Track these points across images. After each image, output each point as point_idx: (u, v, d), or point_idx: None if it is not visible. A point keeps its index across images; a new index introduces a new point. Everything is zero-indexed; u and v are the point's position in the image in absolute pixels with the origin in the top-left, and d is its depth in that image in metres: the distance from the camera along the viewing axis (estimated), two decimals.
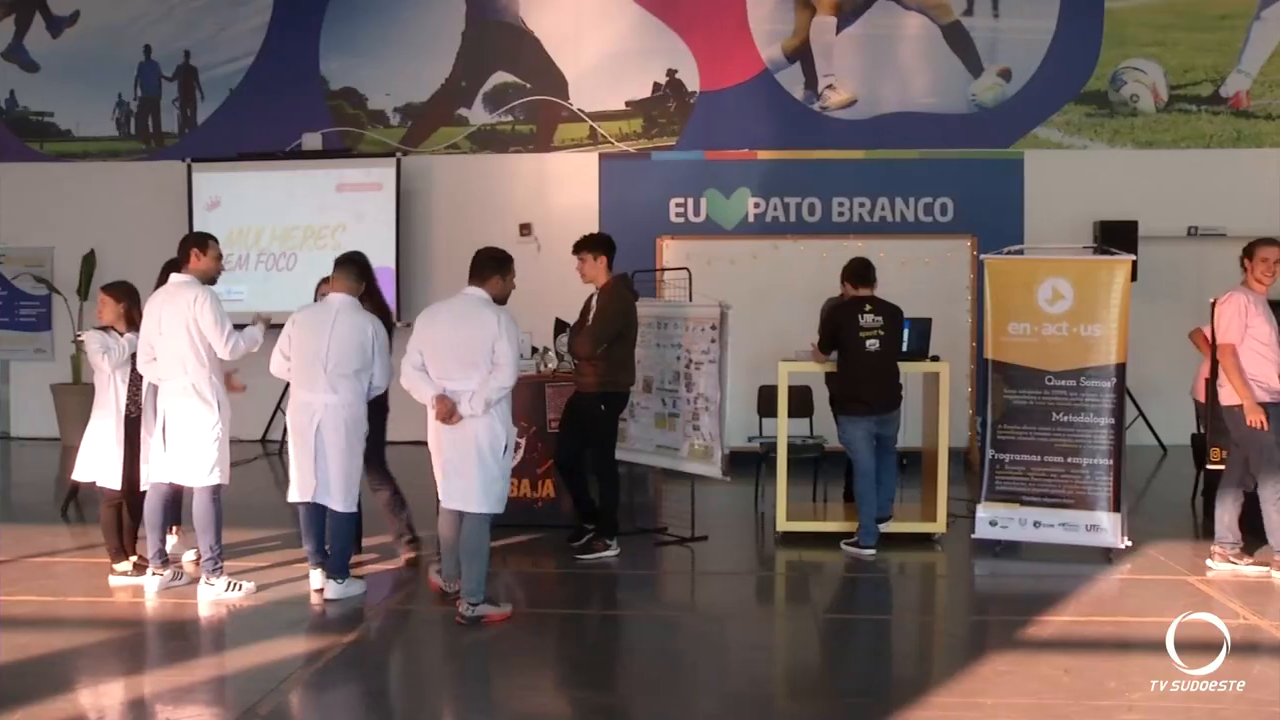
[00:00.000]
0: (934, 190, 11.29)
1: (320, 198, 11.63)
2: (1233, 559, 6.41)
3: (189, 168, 11.85)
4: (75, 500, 8.09)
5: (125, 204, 12.03)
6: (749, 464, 8.33)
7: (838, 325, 6.93)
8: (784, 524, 7.21)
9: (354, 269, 6.11)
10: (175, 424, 5.89)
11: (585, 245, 6.91)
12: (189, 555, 6.55)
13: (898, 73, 11.54)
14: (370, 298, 6.21)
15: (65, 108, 12.40)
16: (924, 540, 7.16)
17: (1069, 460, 6.74)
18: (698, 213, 11.50)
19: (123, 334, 6.21)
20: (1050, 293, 6.82)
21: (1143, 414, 10.63)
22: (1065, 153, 11.40)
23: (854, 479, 7.14)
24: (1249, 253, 6.46)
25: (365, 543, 6.76)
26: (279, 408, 10.63)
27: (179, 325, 5.83)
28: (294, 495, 5.97)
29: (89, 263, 11.82)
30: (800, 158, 11.47)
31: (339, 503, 5.89)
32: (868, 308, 6.89)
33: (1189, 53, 11.41)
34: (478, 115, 11.90)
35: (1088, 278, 6.84)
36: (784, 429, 7.25)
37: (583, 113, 11.75)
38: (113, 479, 6.18)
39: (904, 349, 7.10)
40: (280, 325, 6.12)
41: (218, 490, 5.94)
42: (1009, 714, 4.38)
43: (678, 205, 11.50)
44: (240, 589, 5.98)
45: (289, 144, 11.93)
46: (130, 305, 6.27)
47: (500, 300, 5.66)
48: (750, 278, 9.95)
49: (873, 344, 6.83)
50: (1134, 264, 6.99)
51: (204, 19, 12.16)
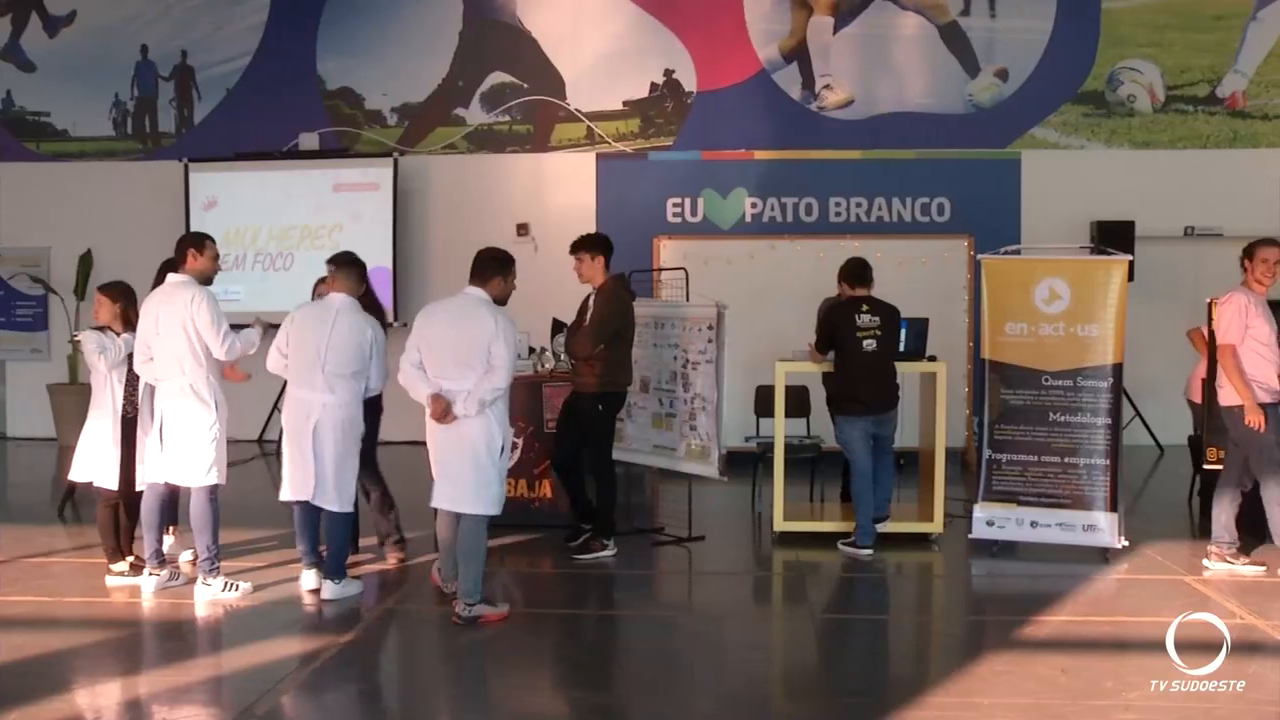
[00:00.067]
0: (931, 190, 11.30)
1: (317, 198, 11.63)
2: (1229, 559, 6.41)
3: (186, 168, 11.85)
4: (72, 500, 8.09)
5: (122, 204, 12.02)
6: (746, 464, 8.34)
7: (835, 325, 6.94)
8: (781, 524, 7.21)
9: (356, 270, 6.12)
10: (173, 424, 5.88)
11: (583, 245, 6.91)
12: (186, 555, 6.54)
13: (895, 73, 11.54)
14: (365, 298, 6.21)
15: (62, 107, 12.38)
16: (921, 540, 7.16)
17: (1066, 460, 6.75)
18: (695, 213, 11.51)
19: (119, 334, 6.21)
20: (1047, 293, 6.82)
21: (1139, 414, 10.65)
22: (1062, 153, 11.41)
23: (851, 479, 7.16)
24: (1249, 253, 6.45)
25: (362, 543, 6.77)
26: (276, 407, 10.62)
27: (176, 325, 5.82)
28: (287, 494, 5.96)
29: (86, 263, 11.80)
30: (797, 158, 11.48)
31: (335, 503, 5.89)
32: (865, 308, 6.89)
33: (1185, 53, 11.42)
34: (475, 115, 11.89)
35: (1084, 278, 6.85)
36: (781, 429, 7.25)
37: (580, 113, 11.75)
38: (109, 479, 6.18)
39: (901, 349, 7.10)
40: (278, 326, 6.11)
41: (215, 490, 5.93)
42: (1006, 714, 4.38)
43: (675, 205, 11.50)
44: (237, 589, 5.97)
45: (286, 144, 11.93)
46: (127, 305, 6.27)
47: (500, 301, 5.65)
48: (747, 278, 9.95)
49: (870, 344, 6.83)
50: (1131, 264, 6.99)
51: (201, 19, 12.15)
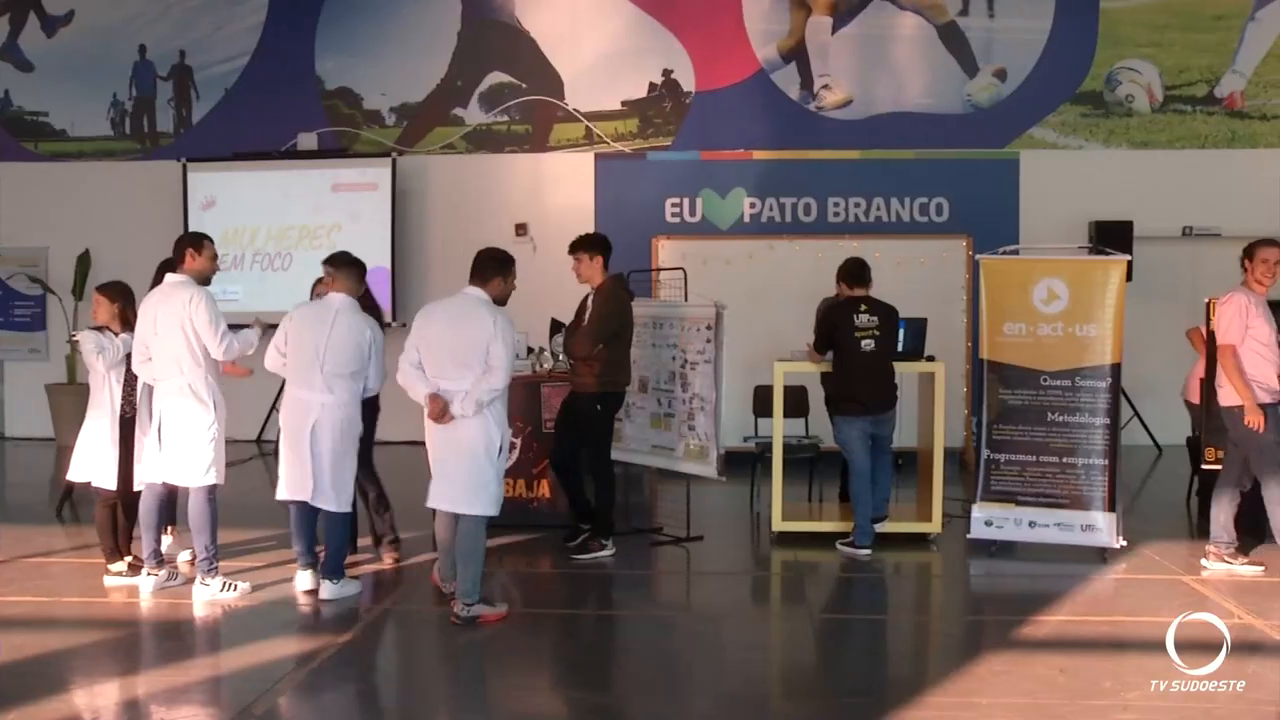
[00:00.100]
0: (929, 190, 11.30)
1: (316, 198, 11.63)
2: (1227, 558, 6.41)
3: (184, 167, 11.84)
4: (70, 500, 8.08)
5: (120, 204, 12.01)
6: (744, 464, 8.34)
7: (833, 325, 6.94)
8: (779, 524, 7.21)
9: (356, 270, 6.12)
10: (171, 424, 5.88)
11: (581, 245, 6.91)
12: (184, 555, 6.54)
13: (893, 73, 11.55)
14: (362, 298, 6.20)
15: (60, 107, 12.38)
16: (919, 540, 7.17)
17: (1064, 460, 6.75)
18: (693, 213, 11.50)
19: (118, 334, 6.20)
20: (1045, 293, 6.82)
21: (1138, 414, 10.65)
22: (1060, 153, 11.41)
23: (849, 479, 7.16)
24: (1249, 253, 6.43)
25: (359, 543, 6.78)
26: (274, 407, 10.61)
27: (174, 325, 5.82)
28: (283, 493, 5.96)
29: (84, 263, 11.79)
30: (796, 158, 11.48)
31: (333, 503, 5.89)
32: (863, 308, 6.89)
33: (1184, 53, 11.43)
34: (473, 115, 11.89)
35: (1083, 278, 6.85)
36: (779, 429, 7.25)
37: (578, 113, 11.75)
38: (108, 479, 6.18)
39: (899, 349, 7.10)
40: (276, 326, 6.10)
41: (213, 490, 5.93)
42: (1004, 714, 4.39)
43: (673, 205, 11.50)
44: (235, 589, 5.97)
45: (284, 144, 11.92)
46: (125, 305, 6.27)
47: (500, 301, 5.65)
48: (746, 278, 9.95)
49: (868, 344, 6.83)
50: (1129, 264, 7.00)
51: (199, 18, 12.14)
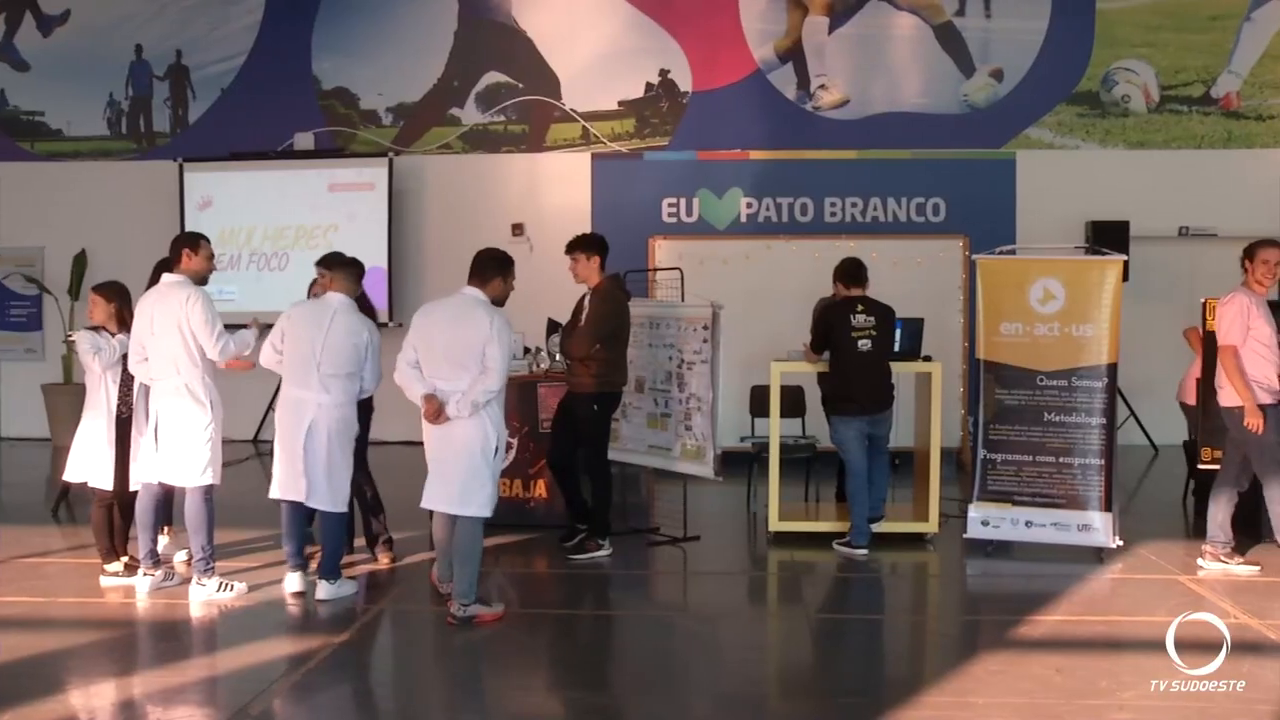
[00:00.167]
0: (926, 190, 11.30)
1: (312, 198, 11.61)
2: (1224, 558, 6.42)
3: (180, 167, 11.82)
4: (66, 501, 8.07)
5: (117, 204, 11.99)
6: (741, 464, 8.34)
7: (830, 325, 6.94)
8: (776, 524, 7.21)
9: (353, 271, 6.12)
10: (168, 424, 5.87)
11: (578, 245, 6.91)
12: (180, 556, 6.53)
13: (890, 73, 11.55)
14: (358, 299, 6.21)
15: (56, 107, 12.36)
16: (916, 540, 7.17)
17: (1061, 460, 6.76)
18: (690, 213, 11.50)
19: (114, 334, 6.20)
20: (1042, 293, 6.83)
21: (1134, 414, 10.66)
22: (1057, 153, 11.42)
23: (846, 479, 7.16)
24: (1250, 254, 6.41)
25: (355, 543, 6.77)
26: (271, 407, 10.58)
27: (171, 325, 5.81)
28: (276, 492, 5.96)
29: (80, 263, 11.78)
30: (792, 158, 11.48)
31: (330, 504, 5.88)
32: (860, 308, 6.89)
33: (1180, 53, 11.44)
34: (470, 115, 11.88)
35: (1079, 278, 6.86)
36: (776, 429, 7.25)
37: (575, 113, 11.74)
38: (104, 479, 6.17)
39: (896, 349, 7.10)
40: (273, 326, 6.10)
41: (210, 491, 5.93)
42: (1001, 713, 4.39)
43: (670, 205, 11.50)
44: (232, 589, 5.96)
45: (281, 144, 11.90)
46: (121, 305, 6.26)
47: (499, 302, 5.64)
48: (742, 278, 9.95)
49: (865, 344, 6.84)
50: (1125, 264, 7.01)
51: (196, 18, 12.12)
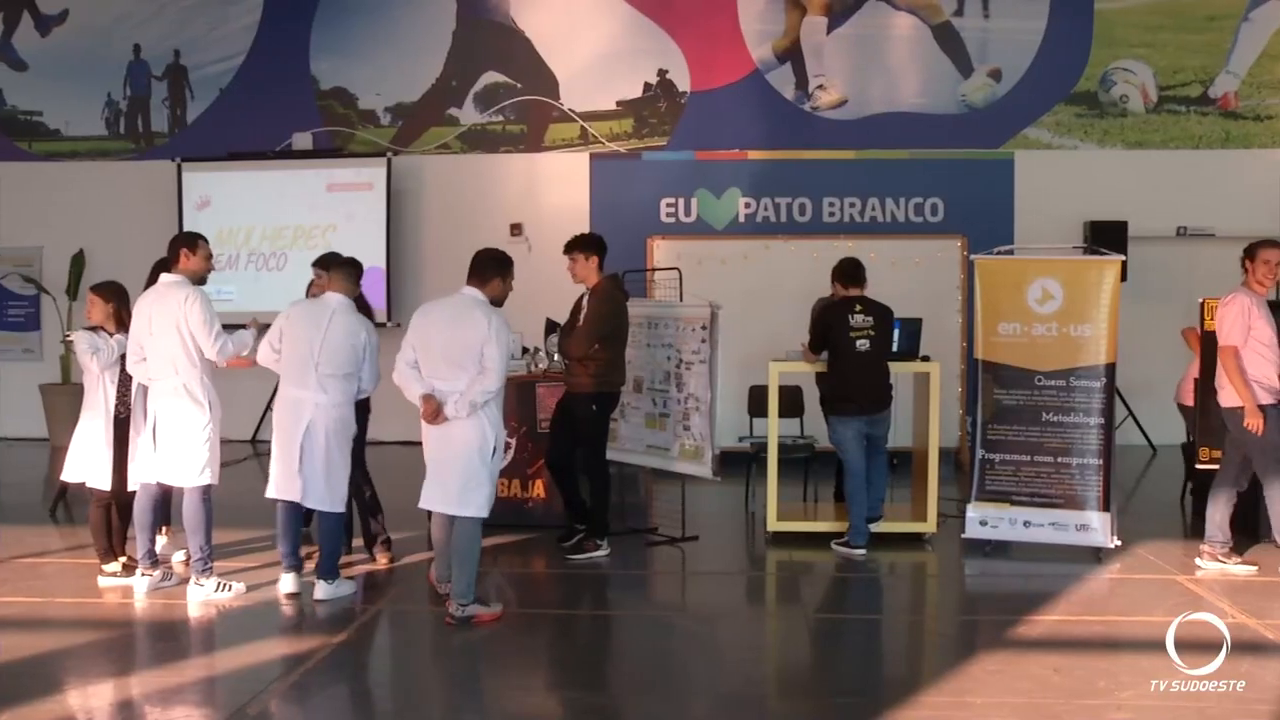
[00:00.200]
0: (924, 190, 11.31)
1: (310, 198, 11.60)
2: (1222, 558, 6.42)
3: (179, 167, 11.81)
4: (64, 501, 8.06)
5: (115, 204, 11.98)
6: (739, 464, 8.35)
7: (828, 325, 6.94)
8: (774, 524, 7.21)
9: (351, 271, 6.12)
10: (166, 424, 5.87)
11: (576, 245, 6.91)
12: (178, 556, 6.53)
13: (888, 73, 11.55)
14: (356, 299, 6.21)
15: (54, 107, 12.34)
16: (914, 540, 7.17)
17: (1059, 460, 6.76)
18: (688, 213, 11.50)
19: (112, 334, 6.20)
20: (1040, 293, 6.83)
21: (1132, 414, 10.67)
22: (1055, 153, 11.42)
23: (844, 479, 7.17)
24: (1250, 254, 6.40)
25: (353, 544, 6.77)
26: (269, 407, 10.58)
27: (169, 325, 5.80)
28: (273, 491, 5.96)
29: (78, 263, 11.76)
30: (791, 158, 11.48)
31: (327, 503, 5.88)
32: (858, 308, 6.89)
33: (1178, 54, 11.45)
34: (468, 115, 11.88)
35: (1077, 278, 6.86)
36: (774, 429, 7.25)
37: (573, 113, 11.74)
38: (102, 479, 6.17)
39: (894, 349, 7.11)
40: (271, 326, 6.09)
41: (208, 491, 5.93)
42: (999, 713, 4.39)
43: (668, 205, 11.50)
44: (230, 590, 5.96)
45: (279, 144, 11.89)
46: (119, 305, 6.26)
47: (498, 302, 5.65)
48: (741, 278, 9.95)
49: (863, 344, 6.84)
50: (1124, 264, 7.01)
51: (194, 18, 12.11)
